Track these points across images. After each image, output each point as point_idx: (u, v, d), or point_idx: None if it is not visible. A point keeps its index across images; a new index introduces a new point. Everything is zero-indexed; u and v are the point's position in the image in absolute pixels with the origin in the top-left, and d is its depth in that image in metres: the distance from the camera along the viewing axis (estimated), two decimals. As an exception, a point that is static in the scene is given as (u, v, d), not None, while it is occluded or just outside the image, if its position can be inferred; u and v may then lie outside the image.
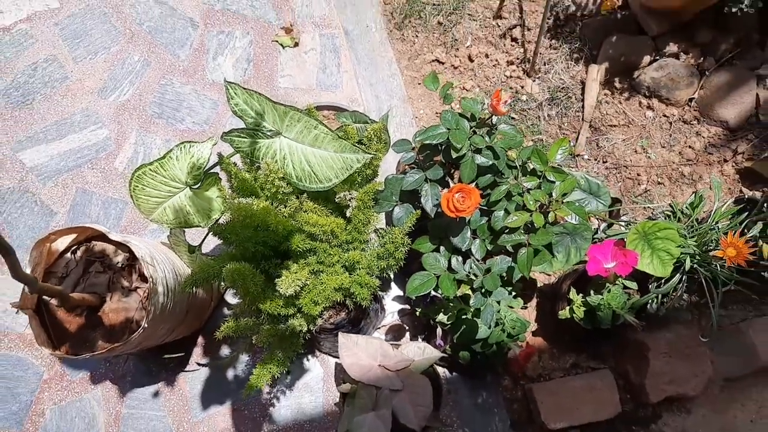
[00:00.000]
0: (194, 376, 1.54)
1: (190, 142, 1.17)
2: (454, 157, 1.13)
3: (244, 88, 1.12)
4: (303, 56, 1.80)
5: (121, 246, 1.28)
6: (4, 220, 1.64)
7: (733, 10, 1.50)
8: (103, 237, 1.28)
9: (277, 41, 1.80)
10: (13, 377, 1.53)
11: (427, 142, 1.14)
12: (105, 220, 1.63)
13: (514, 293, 1.30)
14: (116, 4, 1.82)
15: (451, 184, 1.20)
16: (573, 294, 1.40)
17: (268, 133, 1.14)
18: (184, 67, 1.77)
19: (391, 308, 1.59)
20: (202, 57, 1.78)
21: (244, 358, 1.55)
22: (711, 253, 1.33)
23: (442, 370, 1.52)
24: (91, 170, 1.68)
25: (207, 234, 1.36)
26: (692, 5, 1.59)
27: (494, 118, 1.18)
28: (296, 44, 1.80)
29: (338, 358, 1.57)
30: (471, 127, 1.18)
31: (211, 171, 1.22)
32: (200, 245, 1.33)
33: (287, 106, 1.12)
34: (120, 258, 1.27)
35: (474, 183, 1.19)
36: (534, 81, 1.75)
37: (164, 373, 1.54)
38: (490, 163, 1.15)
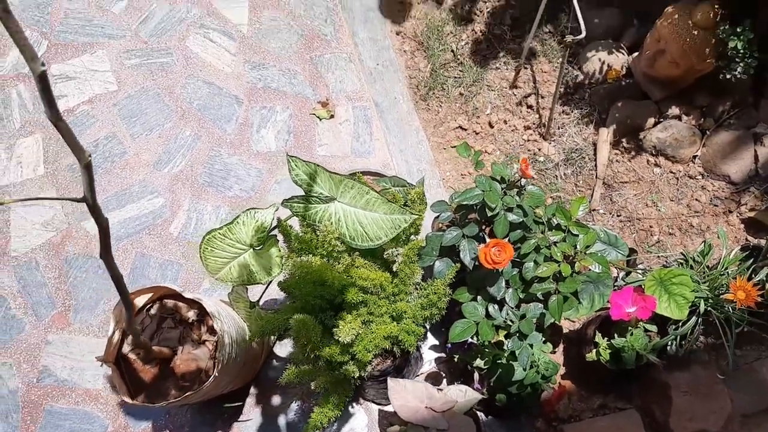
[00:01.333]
0: (248, 426, 1.65)
1: (254, 208, 1.33)
2: (489, 215, 1.29)
3: (304, 161, 1.28)
4: (338, 127, 1.98)
5: (192, 302, 1.42)
6: (71, 284, 1.79)
7: (728, 76, 1.68)
8: (175, 295, 1.42)
9: (314, 114, 1.99)
10: (81, 430, 1.65)
11: (465, 203, 1.30)
12: (162, 280, 1.78)
13: (543, 338, 1.43)
14: (168, 86, 2.01)
15: (487, 240, 1.34)
16: (599, 338, 1.53)
17: (324, 199, 1.30)
18: (231, 140, 1.95)
19: (428, 357, 1.71)
20: (246, 130, 1.97)
21: (293, 407, 1.66)
22: (723, 297, 1.46)
23: (479, 413, 1.63)
24: (149, 236, 1.84)
25: (265, 290, 1.50)
26: (690, 74, 1.77)
27: (522, 181, 1.34)
28: (332, 116, 1.99)
29: (381, 405, 1.68)
30: (502, 189, 1.33)
31: (271, 233, 1.37)
32: (258, 300, 1.47)
33: (342, 176, 1.28)
34: (191, 314, 1.41)
35: (506, 237, 1.34)
36: (550, 143, 1.92)
37: (220, 423, 1.65)
38: (521, 220, 1.30)
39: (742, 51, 1.61)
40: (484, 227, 1.44)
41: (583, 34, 1.60)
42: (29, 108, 1.99)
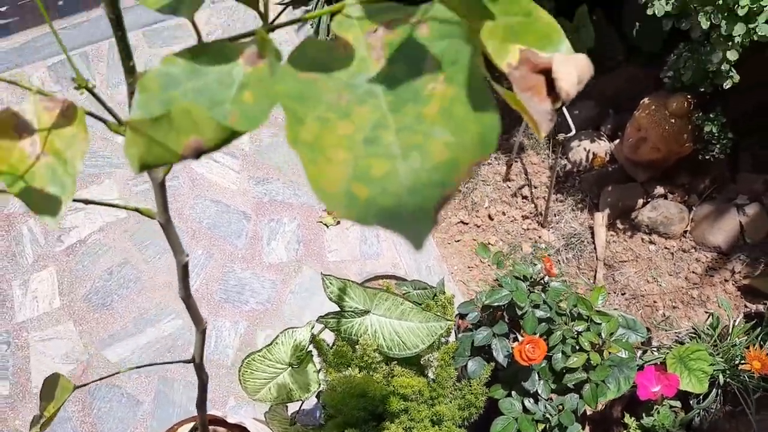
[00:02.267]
0: None
1: (292, 328, 1.37)
2: (519, 314, 1.36)
3: (336, 278, 1.35)
4: (346, 232, 2.05)
5: (236, 427, 1.43)
6: (96, 416, 1.78)
7: (707, 157, 1.82)
8: (218, 420, 1.43)
9: (321, 222, 2.06)
10: None
11: (495, 304, 1.37)
12: (188, 403, 1.78)
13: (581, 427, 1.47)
14: (177, 208, 2.08)
15: (519, 337, 1.41)
16: (627, 418, 1.58)
17: (359, 312, 1.36)
18: (243, 255, 2.01)
19: (461, 453, 1.73)
20: (257, 243, 2.03)
21: None
22: (739, 367, 1.54)
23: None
24: (170, 358, 1.85)
25: (301, 405, 1.52)
26: (671, 157, 1.91)
27: (546, 278, 1.42)
28: (338, 222, 2.07)
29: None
30: (527, 286, 1.41)
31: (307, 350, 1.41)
32: (295, 417, 1.49)
33: (375, 289, 1.34)
34: (234, 438, 1.43)
35: (534, 333, 1.40)
36: (549, 231, 2.02)
37: None
38: (548, 315, 1.37)
39: (717, 134, 1.76)
40: (510, 323, 1.50)
41: (573, 132, 1.73)
42: (41, 242, 2.02)
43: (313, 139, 0.31)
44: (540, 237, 2.02)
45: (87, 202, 0.57)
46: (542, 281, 1.42)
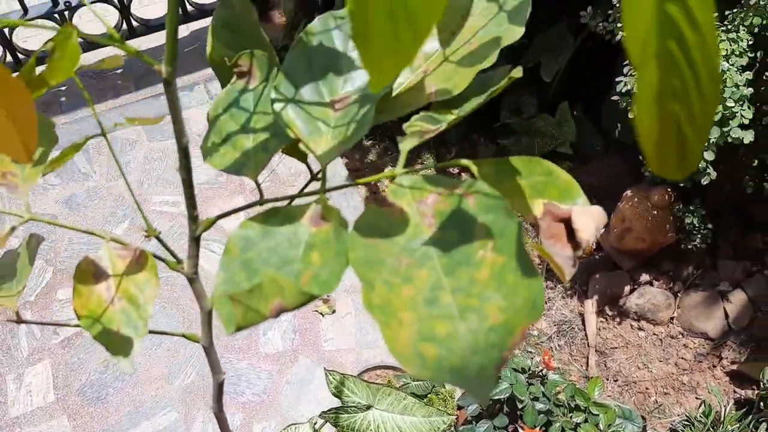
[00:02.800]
0: None
1: (295, 424, 1.38)
2: (519, 407, 1.38)
3: (339, 373, 1.37)
4: (341, 320, 2.08)
5: None
6: None
7: (689, 246, 1.90)
8: None
9: (317, 311, 2.09)
10: None
11: (495, 397, 1.39)
12: (183, 501, 1.75)
13: None
14: (174, 298, 2.10)
15: (519, 429, 1.43)
16: None
17: (362, 407, 1.38)
18: (239, 345, 2.02)
19: None
20: (253, 333, 2.04)
21: None
22: (735, 456, 1.56)
23: None
24: (165, 453, 1.83)
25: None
26: (655, 246, 1.99)
27: (544, 370, 1.45)
28: (334, 311, 2.10)
29: None
30: (525, 379, 1.45)
31: (310, 445, 1.42)
32: None
33: (378, 384, 1.37)
34: None
35: (534, 425, 1.42)
36: (541, 318, 2.07)
37: None
38: (547, 407, 1.40)
39: (697, 225, 1.84)
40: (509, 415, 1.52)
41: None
42: (36, 335, 2.02)
43: (383, 303, 0.36)
44: (532, 324, 2.06)
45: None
46: (540, 373, 1.46)
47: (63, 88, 2.61)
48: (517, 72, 0.51)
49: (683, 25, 0.22)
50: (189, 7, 2.53)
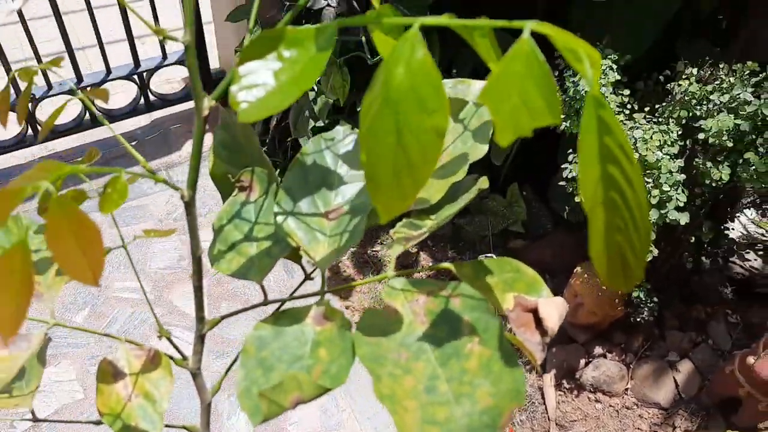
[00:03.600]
0: None
1: None
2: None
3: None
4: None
5: None
6: None
7: (638, 319, 2.00)
8: None
9: (281, 395, 2.09)
10: None
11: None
12: None
13: None
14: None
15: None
16: None
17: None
18: None
19: None
20: (217, 420, 2.02)
21: None
22: None
23: None
24: None
25: None
26: (606, 319, 2.09)
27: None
28: (298, 395, 2.10)
29: None
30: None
31: None
32: None
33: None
34: None
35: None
36: (501, 394, 2.12)
37: None
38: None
39: (644, 299, 1.95)
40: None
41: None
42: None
43: (390, 393, 0.42)
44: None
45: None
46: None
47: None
48: (484, 183, 0.60)
49: (621, 181, 0.30)
50: (152, 97, 2.61)
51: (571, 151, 1.73)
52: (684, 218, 1.56)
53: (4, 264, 0.32)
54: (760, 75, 1.59)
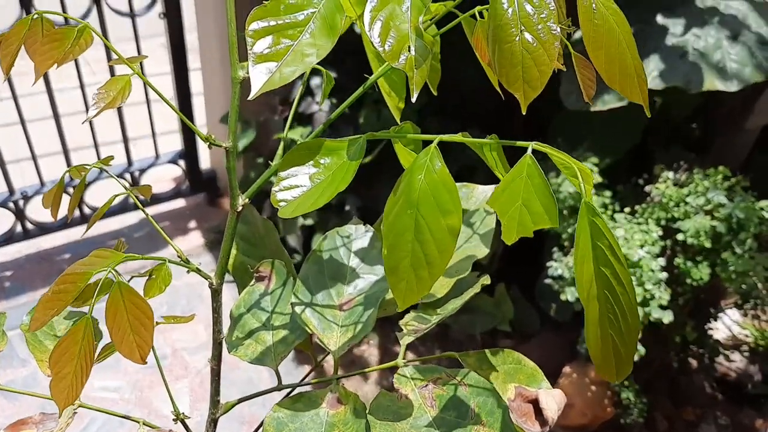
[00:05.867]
0: None
1: None
2: None
3: None
4: None
5: None
6: None
7: (627, 421, 2.00)
8: None
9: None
10: None
11: None
12: None
13: None
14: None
15: None
16: None
17: None
18: None
19: None
20: None
21: None
22: None
23: None
24: None
25: None
26: (595, 420, 2.08)
27: None
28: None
29: None
30: None
31: None
32: None
33: None
34: None
35: None
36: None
37: None
38: None
39: (633, 400, 1.96)
40: None
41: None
42: None
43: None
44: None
45: None
46: None
47: (8, 273, 2.62)
48: (486, 280, 0.65)
49: (612, 280, 0.35)
50: (140, 196, 2.67)
51: (555, 249, 1.79)
52: (667, 317, 1.60)
53: (70, 337, 0.36)
54: (732, 179, 1.70)
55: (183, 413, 0.57)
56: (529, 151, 0.36)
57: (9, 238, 2.50)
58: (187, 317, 0.61)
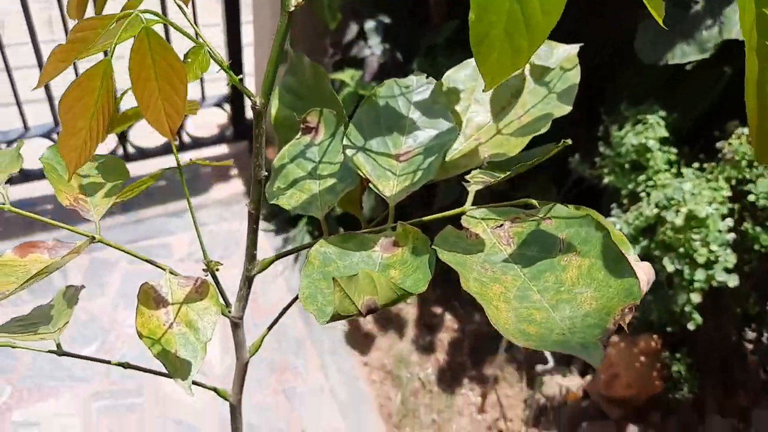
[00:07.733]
0: None
1: None
2: None
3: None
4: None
5: None
6: None
7: (676, 396, 1.89)
8: None
9: (292, 449, 1.98)
10: None
11: None
12: None
13: None
14: (137, 429, 1.98)
15: None
16: None
17: None
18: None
19: None
20: None
21: None
22: None
23: None
24: None
25: None
26: (643, 393, 1.97)
27: None
28: (310, 450, 1.98)
29: None
30: None
31: None
32: None
33: None
34: None
35: None
36: (527, 467, 1.98)
37: None
38: None
39: (684, 374, 1.84)
40: None
41: (551, 364, 1.79)
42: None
43: (478, 292, 0.36)
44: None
45: None
46: None
47: (49, 207, 2.61)
48: (567, 141, 0.55)
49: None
50: (186, 138, 2.63)
51: (614, 206, 1.68)
52: (732, 280, 1.48)
53: (85, 82, 0.29)
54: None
55: (216, 266, 0.49)
56: None
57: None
58: (226, 161, 0.54)
